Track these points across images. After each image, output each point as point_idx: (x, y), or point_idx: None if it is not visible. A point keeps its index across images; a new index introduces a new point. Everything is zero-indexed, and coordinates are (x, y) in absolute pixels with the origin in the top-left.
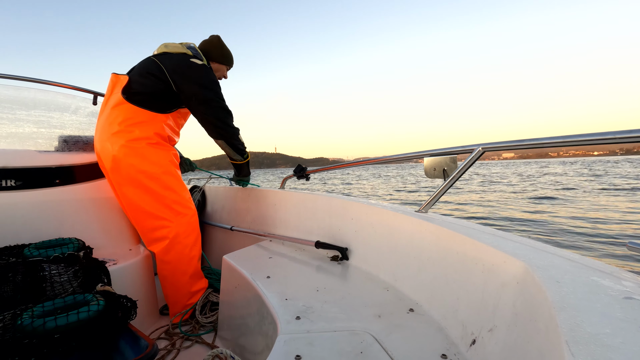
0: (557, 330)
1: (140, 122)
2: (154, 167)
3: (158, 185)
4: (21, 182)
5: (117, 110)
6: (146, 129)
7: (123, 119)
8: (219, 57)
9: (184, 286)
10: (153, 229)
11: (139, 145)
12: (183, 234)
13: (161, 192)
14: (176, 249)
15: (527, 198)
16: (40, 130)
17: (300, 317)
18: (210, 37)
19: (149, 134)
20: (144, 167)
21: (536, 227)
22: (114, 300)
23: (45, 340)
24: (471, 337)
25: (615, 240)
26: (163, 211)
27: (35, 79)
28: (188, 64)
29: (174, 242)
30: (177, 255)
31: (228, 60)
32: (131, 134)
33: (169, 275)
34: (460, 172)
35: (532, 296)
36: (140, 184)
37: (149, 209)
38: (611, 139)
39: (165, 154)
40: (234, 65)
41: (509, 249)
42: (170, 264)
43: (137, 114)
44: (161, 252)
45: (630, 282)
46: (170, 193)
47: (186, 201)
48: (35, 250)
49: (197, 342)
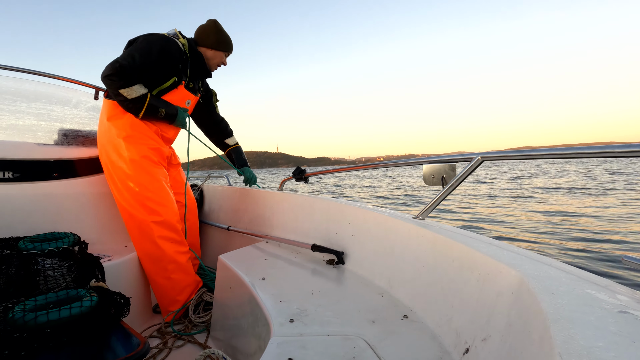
0: (551, 342)
1: (114, 115)
2: (126, 163)
3: (130, 181)
4: (19, 174)
5: (102, 109)
6: (120, 122)
7: (105, 115)
8: (214, 43)
9: (166, 282)
10: (130, 226)
11: (114, 140)
12: (158, 232)
13: (133, 188)
14: (152, 245)
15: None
16: (40, 123)
17: (294, 320)
18: (207, 22)
19: (123, 127)
20: (117, 163)
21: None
22: (107, 296)
23: (36, 335)
24: (464, 346)
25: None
26: (136, 208)
27: (37, 72)
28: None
29: (147, 239)
30: (155, 251)
31: (225, 46)
32: (109, 130)
33: (150, 271)
34: (459, 180)
35: (527, 307)
36: (113, 179)
37: (123, 205)
38: (610, 152)
39: (137, 148)
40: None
41: (505, 259)
42: (148, 259)
43: (110, 107)
44: (138, 249)
45: (625, 296)
46: (142, 190)
47: (161, 198)
48: (30, 243)
49: (190, 342)
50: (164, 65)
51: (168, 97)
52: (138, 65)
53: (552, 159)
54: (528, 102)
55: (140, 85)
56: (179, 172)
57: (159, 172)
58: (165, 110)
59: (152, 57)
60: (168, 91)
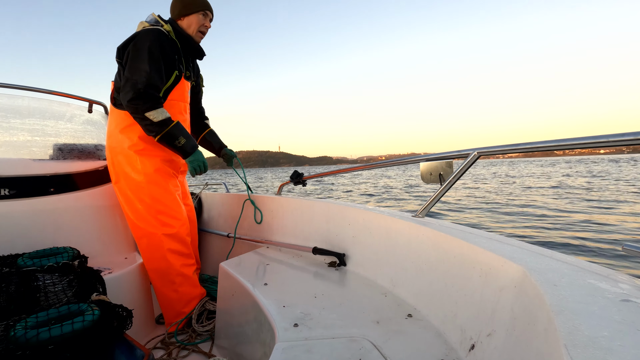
0: (556, 334)
1: (125, 127)
2: (139, 175)
3: (143, 194)
4: (15, 191)
5: (111, 117)
6: (131, 134)
7: (113, 126)
8: (184, 7)
9: (173, 294)
10: (139, 238)
11: (127, 152)
12: (168, 244)
13: (146, 201)
14: (161, 258)
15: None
16: (35, 138)
17: (298, 324)
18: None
19: (133, 140)
20: (130, 175)
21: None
22: (109, 309)
23: (38, 352)
24: (470, 342)
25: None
26: (148, 221)
27: (30, 87)
28: (130, 37)
29: (157, 252)
30: (163, 264)
31: (193, 5)
32: (121, 142)
33: (157, 284)
34: (456, 176)
35: (530, 300)
36: (124, 191)
37: (134, 219)
38: (604, 142)
39: (151, 161)
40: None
41: (507, 253)
42: (156, 272)
43: (121, 118)
44: (146, 261)
45: (627, 285)
46: (154, 203)
47: (173, 212)
48: (29, 259)
49: (194, 351)
50: (168, 63)
51: (174, 93)
52: (156, 79)
53: (548, 151)
54: (530, 101)
55: (164, 110)
56: (184, 180)
57: (172, 183)
58: (184, 142)
59: (160, 62)
60: (172, 88)
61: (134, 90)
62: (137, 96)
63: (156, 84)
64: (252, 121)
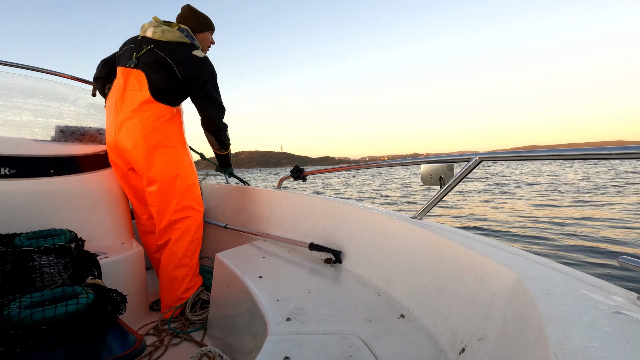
0: (546, 342)
1: (169, 120)
2: (187, 163)
3: (187, 183)
4: (15, 170)
5: (146, 109)
6: (176, 127)
7: (157, 118)
8: (198, 26)
9: (182, 279)
10: (172, 223)
11: (172, 142)
12: (193, 229)
13: (189, 189)
14: (183, 241)
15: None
16: (37, 119)
17: (291, 318)
18: (182, 10)
19: (179, 132)
20: (176, 167)
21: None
22: (103, 293)
23: (31, 332)
24: (460, 346)
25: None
26: (185, 207)
27: (34, 67)
28: (197, 62)
29: (186, 234)
30: (183, 248)
31: (208, 25)
32: (165, 132)
33: (171, 266)
34: (457, 180)
35: (523, 307)
36: (171, 182)
37: (174, 204)
38: (607, 154)
39: (187, 153)
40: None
41: (502, 259)
42: (175, 254)
43: (163, 112)
44: (171, 242)
45: (620, 297)
46: (195, 189)
47: (200, 199)
48: (26, 240)
49: (186, 340)
50: None
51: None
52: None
53: (549, 160)
54: (532, 100)
55: None
56: None
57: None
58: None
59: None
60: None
61: (224, 112)
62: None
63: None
64: (254, 121)
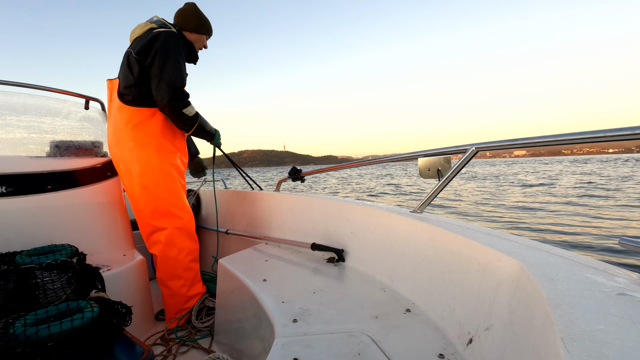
0: (553, 328)
1: (138, 124)
2: (155, 170)
3: (160, 189)
4: (12, 188)
5: (119, 114)
6: (149, 130)
7: (126, 122)
8: (197, 26)
9: (179, 290)
10: (152, 232)
11: (140, 148)
12: (178, 238)
13: (161, 195)
14: (171, 252)
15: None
16: (31, 135)
17: (297, 319)
18: (185, 5)
19: (153, 135)
20: (146, 170)
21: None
22: (108, 306)
23: (38, 349)
24: (468, 337)
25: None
26: (161, 214)
27: (26, 84)
28: (152, 36)
29: (170, 245)
30: (172, 259)
31: (206, 29)
32: (134, 137)
33: (165, 278)
34: (454, 171)
35: (528, 294)
36: (143, 186)
37: (148, 212)
38: (602, 137)
39: (167, 156)
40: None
41: (504, 248)
42: (166, 266)
43: (133, 114)
44: (158, 255)
45: (623, 279)
46: (169, 196)
47: (183, 205)
48: (27, 257)
49: (194, 347)
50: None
51: None
52: (185, 79)
53: (545, 146)
54: (534, 99)
55: (193, 106)
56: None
57: (181, 180)
58: (208, 130)
59: (184, 63)
60: None
61: (173, 90)
62: (176, 95)
63: (186, 83)
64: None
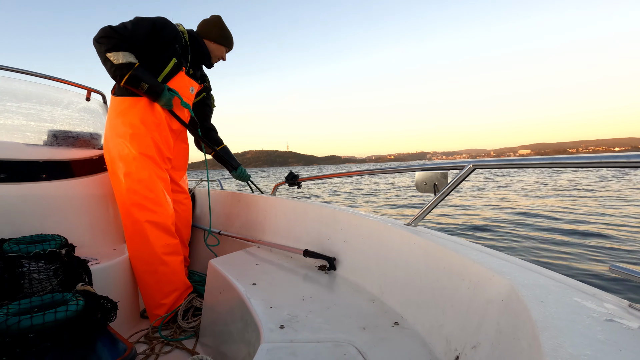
0: (540, 350)
1: (120, 112)
2: (128, 160)
3: (131, 178)
4: (6, 174)
5: (110, 106)
6: (128, 118)
7: (113, 112)
8: (218, 37)
9: (154, 284)
10: (125, 225)
11: (120, 137)
12: (152, 232)
13: (134, 186)
14: (142, 245)
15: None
16: (30, 123)
17: (285, 326)
18: (211, 17)
19: (130, 124)
20: (120, 159)
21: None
22: (93, 300)
23: (18, 339)
24: (455, 354)
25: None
26: (133, 206)
27: (28, 71)
28: None
29: (140, 238)
30: (144, 252)
31: (227, 42)
32: (115, 127)
33: (138, 271)
34: (451, 187)
35: (516, 314)
36: (116, 176)
37: (120, 203)
38: (598, 162)
39: (140, 144)
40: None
41: (496, 266)
42: (137, 259)
43: (117, 104)
44: (130, 247)
45: (612, 305)
46: (141, 188)
47: (158, 198)
48: (15, 245)
49: (177, 348)
50: (158, 41)
51: (172, 83)
52: (129, 32)
53: (542, 168)
54: (541, 97)
55: (131, 55)
56: (184, 177)
57: (159, 172)
58: (149, 85)
59: (144, 27)
60: (171, 77)
61: (103, 30)
62: (103, 35)
63: (127, 35)
64: (260, 121)
